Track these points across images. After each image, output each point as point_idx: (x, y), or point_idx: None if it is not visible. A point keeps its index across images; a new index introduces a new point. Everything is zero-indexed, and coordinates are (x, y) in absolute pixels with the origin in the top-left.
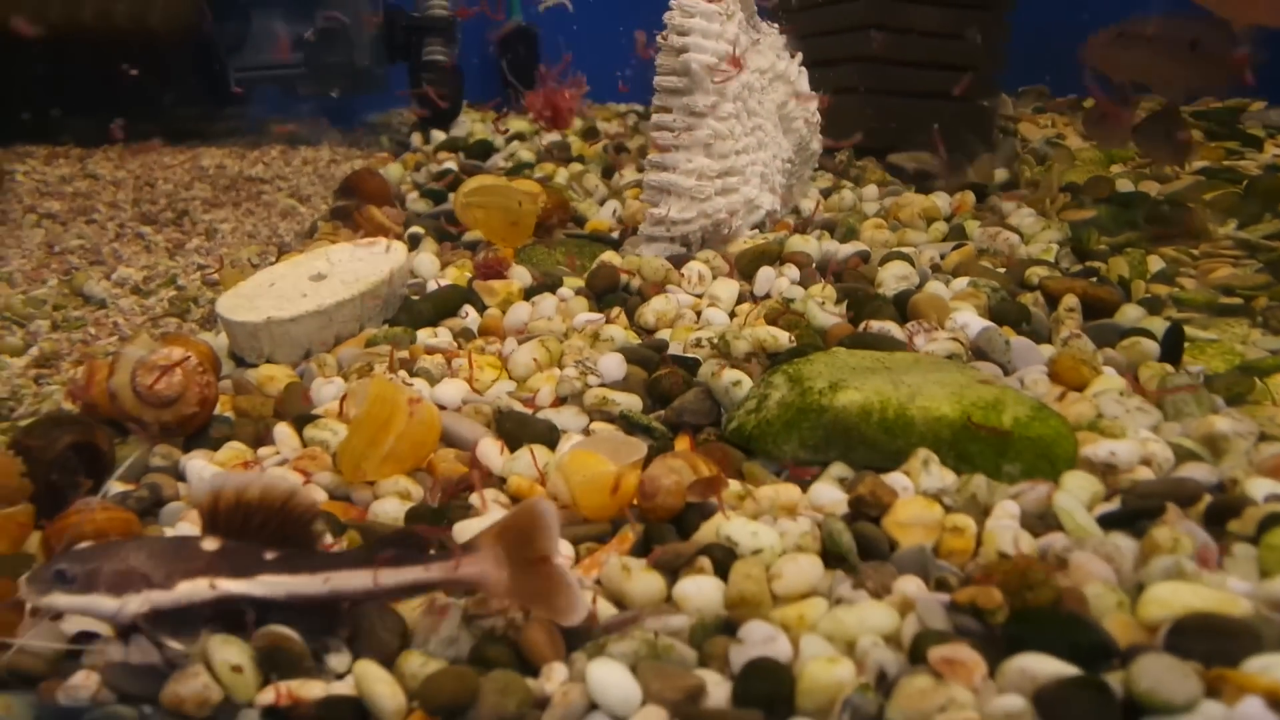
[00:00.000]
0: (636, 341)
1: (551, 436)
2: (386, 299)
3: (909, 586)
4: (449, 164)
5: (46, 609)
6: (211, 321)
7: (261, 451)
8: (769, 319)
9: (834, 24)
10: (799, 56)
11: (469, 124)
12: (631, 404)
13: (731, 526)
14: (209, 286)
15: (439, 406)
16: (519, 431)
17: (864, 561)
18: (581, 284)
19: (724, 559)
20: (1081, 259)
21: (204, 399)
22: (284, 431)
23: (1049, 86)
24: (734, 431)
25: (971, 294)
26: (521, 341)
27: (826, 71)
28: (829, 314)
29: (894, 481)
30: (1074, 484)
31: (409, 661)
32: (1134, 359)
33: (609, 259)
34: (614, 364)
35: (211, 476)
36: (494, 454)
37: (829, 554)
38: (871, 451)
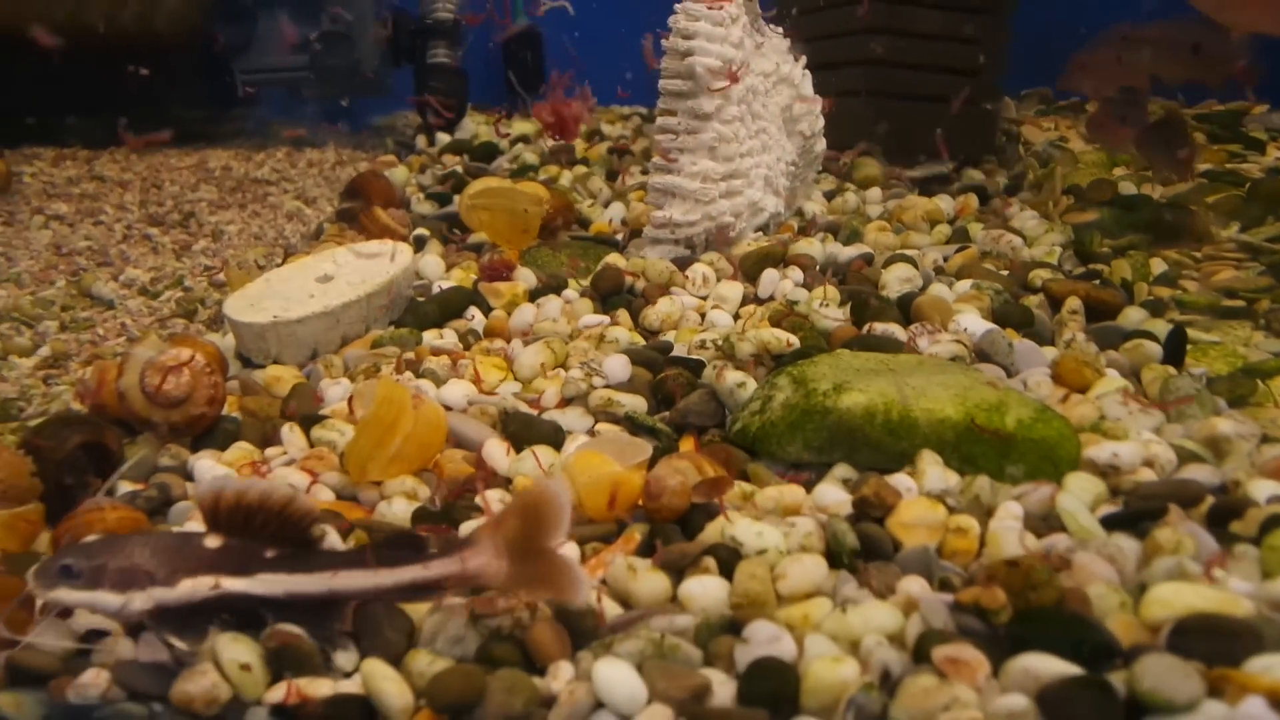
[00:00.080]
0: (641, 343)
1: (557, 437)
2: (392, 300)
3: (913, 587)
4: (455, 166)
5: (52, 604)
6: (218, 322)
7: (269, 451)
8: (773, 321)
9: (837, 28)
10: (803, 60)
11: (474, 127)
12: (636, 405)
13: (736, 527)
14: (215, 288)
15: (445, 407)
16: (525, 432)
17: (868, 562)
18: (586, 286)
19: (729, 559)
20: (1084, 261)
21: (212, 399)
22: (291, 432)
23: (1051, 89)
24: (738, 433)
25: (975, 296)
26: (527, 343)
27: (830, 75)
28: (832, 316)
29: (898, 483)
30: (1077, 485)
31: (416, 660)
32: (1137, 361)
33: (614, 261)
34: (619, 365)
35: (211, 480)
36: (500, 455)
37: (833, 554)
38: (875, 453)
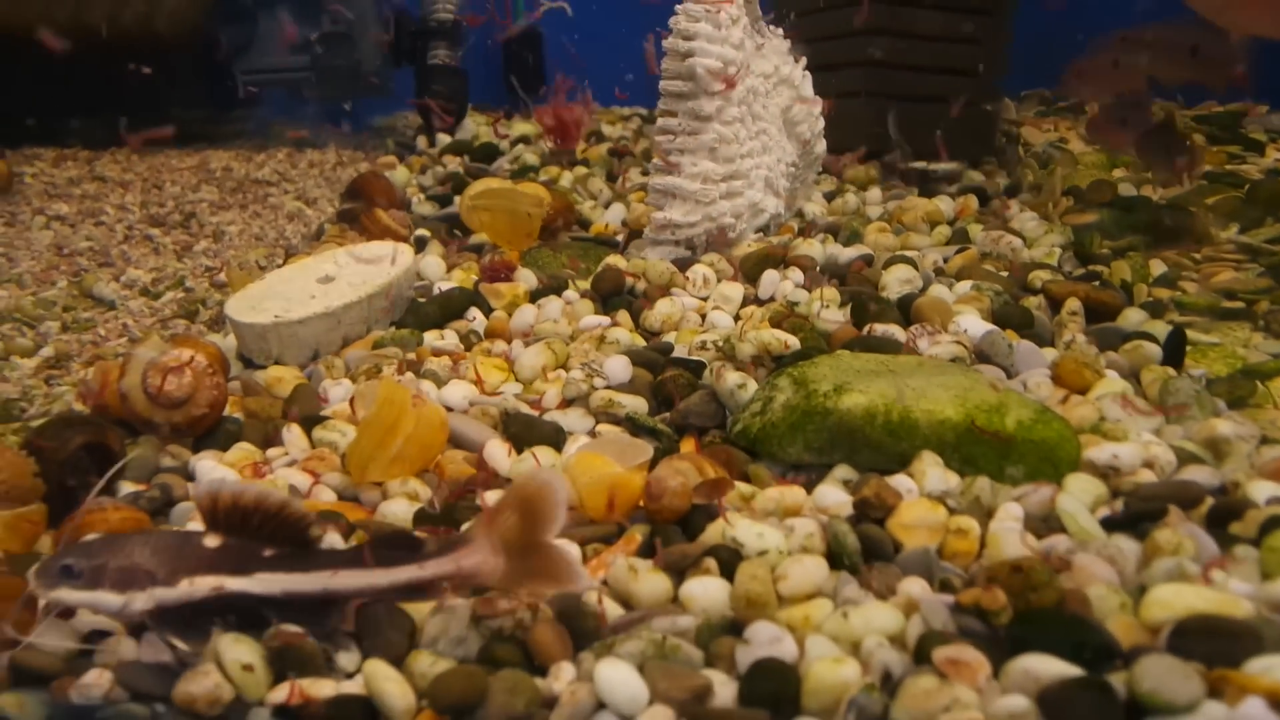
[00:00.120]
0: (642, 344)
1: (558, 439)
2: (394, 301)
3: (913, 588)
4: (455, 167)
5: (53, 603)
6: (219, 323)
7: (270, 452)
8: (773, 322)
9: (837, 29)
10: (803, 61)
11: (474, 127)
12: (637, 406)
13: (737, 528)
14: (217, 288)
15: (446, 408)
16: (526, 433)
17: (869, 563)
18: (587, 287)
19: (730, 560)
20: (1084, 263)
21: (214, 400)
22: (293, 432)
23: (1051, 90)
24: (739, 434)
25: (975, 297)
26: (528, 344)
27: (830, 76)
28: (832, 318)
29: (898, 484)
30: (1077, 486)
31: (418, 661)
32: (1136, 363)
33: (614, 262)
34: (620, 367)
35: (208, 483)
36: (501, 456)
37: (834, 555)
38: (876, 454)
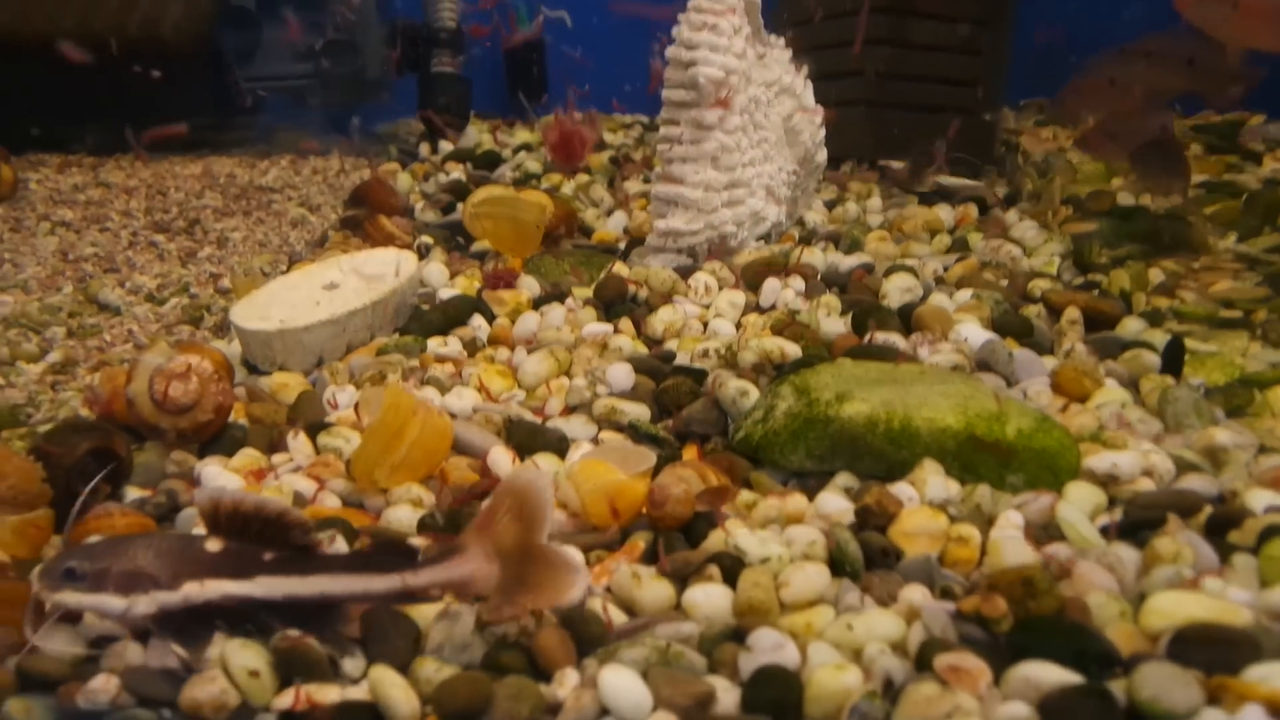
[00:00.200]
0: (644, 352)
1: (562, 446)
2: (397, 308)
3: (915, 595)
4: (457, 174)
5: (57, 606)
6: (224, 329)
7: (275, 458)
8: (775, 330)
9: (838, 38)
10: (804, 70)
11: (477, 135)
12: (640, 414)
13: (740, 535)
14: (221, 294)
15: (450, 415)
16: (530, 441)
17: (870, 570)
18: (589, 294)
19: (732, 567)
20: (1083, 272)
21: (220, 406)
22: (297, 439)
23: (1048, 100)
24: (741, 441)
25: (975, 306)
26: (530, 351)
27: (830, 85)
28: (832, 324)
29: (900, 491)
30: (1077, 495)
31: (423, 667)
32: (1135, 371)
33: (617, 270)
34: (622, 374)
35: (209, 489)
36: (505, 462)
37: (836, 562)
38: (877, 462)
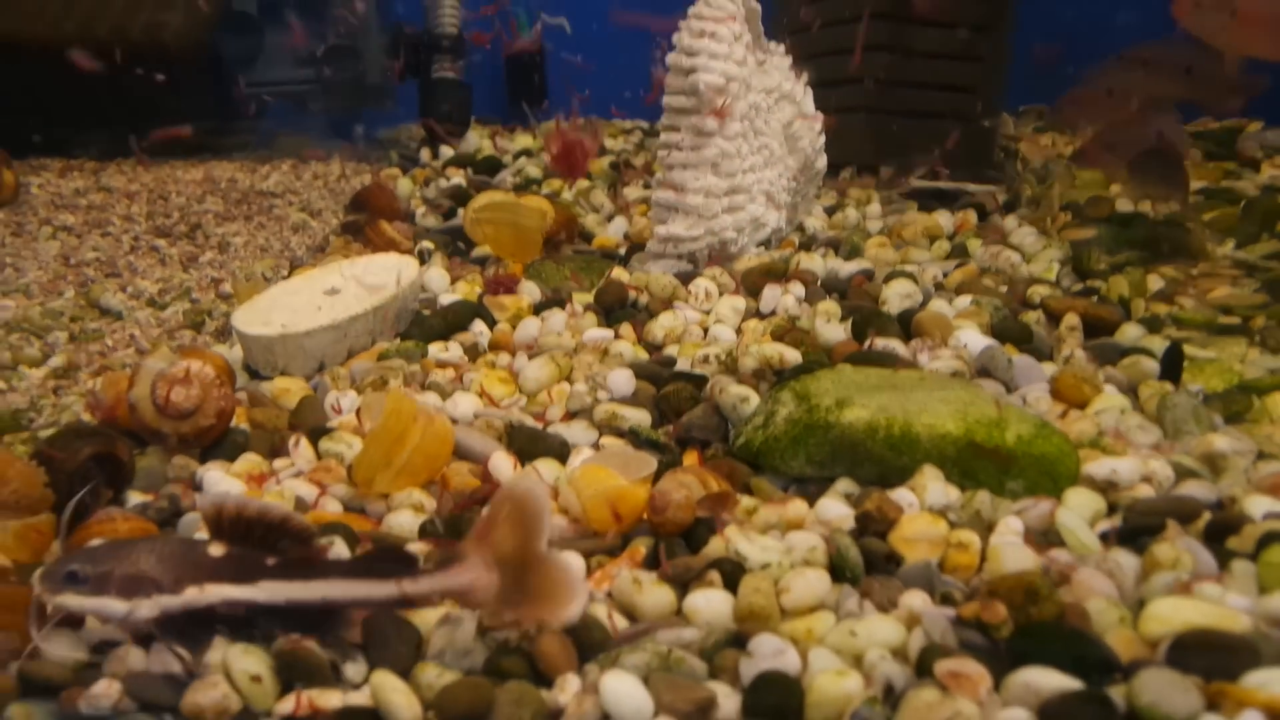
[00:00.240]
0: (645, 357)
1: (563, 451)
2: (398, 313)
3: (915, 601)
4: (458, 179)
5: (58, 609)
6: (225, 334)
7: (277, 463)
8: (775, 336)
9: (838, 45)
10: (805, 77)
11: (477, 140)
12: (640, 419)
13: (740, 541)
14: (222, 299)
15: (451, 420)
16: (531, 446)
17: (870, 576)
18: (590, 300)
19: (733, 573)
20: (1082, 278)
21: (221, 411)
22: (299, 444)
23: (1047, 106)
24: (741, 447)
25: (974, 312)
26: (531, 356)
27: (830, 91)
28: (832, 330)
29: (900, 497)
30: (1076, 501)
31: (425, 672)
32: (1134, 378)
33: (617, 275)
34: (623, 380)
35: (212, 494)
36: (506, 468)
37: (836, 568)
38: (877, 467)
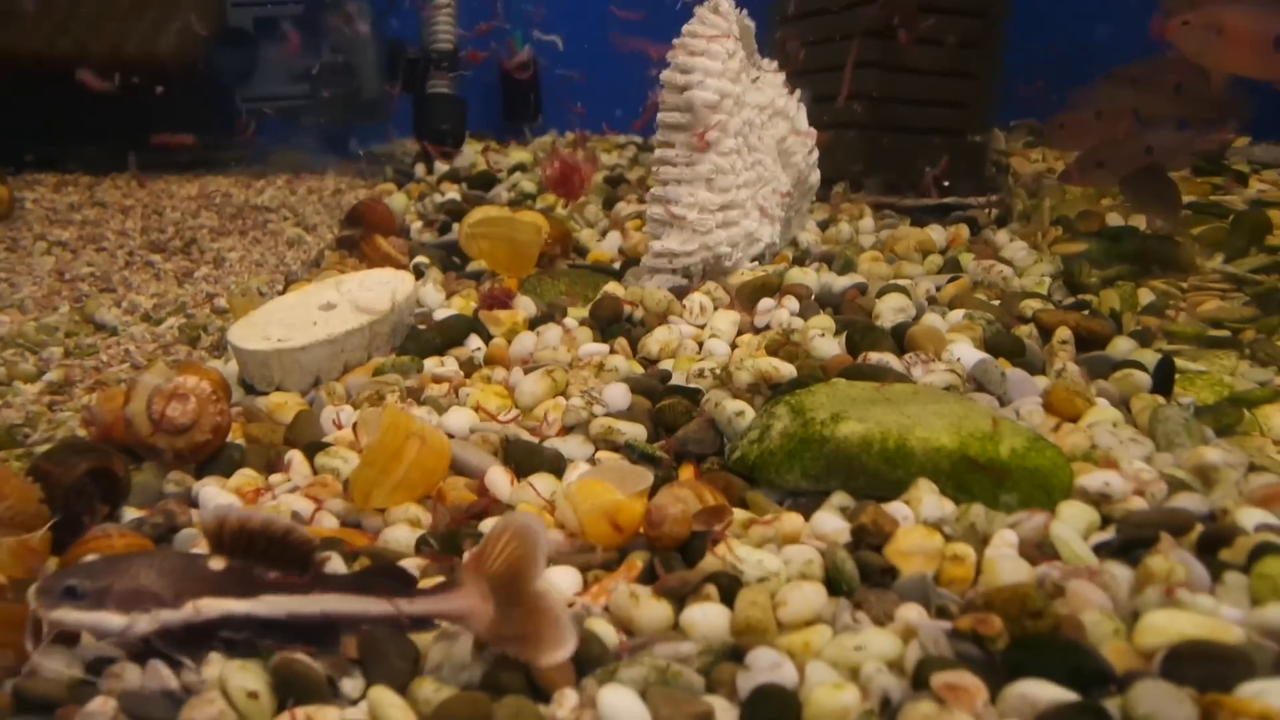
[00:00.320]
0: (640, 372)
1: (559, 465)
2: (394, 328)
3: (911, 614)
4: (453, 194)
5: (55, 624)
6: (221, 349)
7: (273, 478)
8: (770, 350)
9: (831, 61)
10: (798, 93)
11: (472, 155)
12: (636, 433)
13: (737, 554)
14: (218, 314)
15: (447, 434)
16: (527, 460)
17: (866, 589)
18: (585, 314)
19: (730, 586)
20: (1073, 292)
21: (217, 426)
22: (295, 459)
23: (1038, 122)
24: (737, 461)
25: (967, 326)
26: (527, 371)
27: (824, 107)
28: (826, 344)
29: (895, 511)
30: (1070, 513)
31: (422, 688)
32: (1126, 391)
33: (612, 290)
34: (619, 394)
35: (215, 508)
36: (502, 482)
37: (832, 582)
38: (872, 481)
